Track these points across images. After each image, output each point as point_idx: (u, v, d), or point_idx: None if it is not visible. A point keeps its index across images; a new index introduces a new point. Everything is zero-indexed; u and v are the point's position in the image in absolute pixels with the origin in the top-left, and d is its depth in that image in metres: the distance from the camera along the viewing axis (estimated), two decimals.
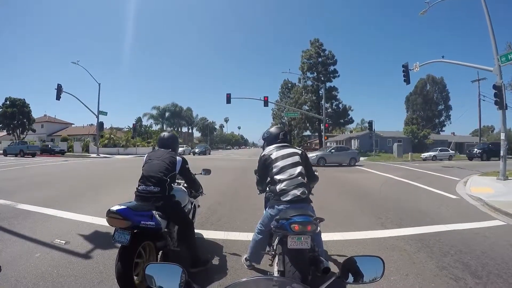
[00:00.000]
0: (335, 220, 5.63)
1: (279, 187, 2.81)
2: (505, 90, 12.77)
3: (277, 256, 2.66)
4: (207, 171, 4.48)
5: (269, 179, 3.00)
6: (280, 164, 2.90)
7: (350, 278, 1.38)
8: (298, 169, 2.88)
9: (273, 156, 2.97)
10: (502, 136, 12.80)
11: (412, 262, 3.71)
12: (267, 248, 3.08)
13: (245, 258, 3.28)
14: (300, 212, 2.52)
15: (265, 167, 3.03)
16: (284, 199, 2.75)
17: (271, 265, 2.93)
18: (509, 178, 11.92)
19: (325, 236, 3.69)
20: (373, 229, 5.19)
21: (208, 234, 4.70)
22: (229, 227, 5.18)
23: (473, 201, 7.92)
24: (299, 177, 2.83)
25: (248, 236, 3.30)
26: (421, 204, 7.47)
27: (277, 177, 2.86)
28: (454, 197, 8.55)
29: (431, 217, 6.09)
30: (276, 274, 2.58)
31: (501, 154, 12.54)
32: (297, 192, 2.75)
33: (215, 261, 3.65)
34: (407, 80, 19.07)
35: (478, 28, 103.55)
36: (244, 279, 1.27)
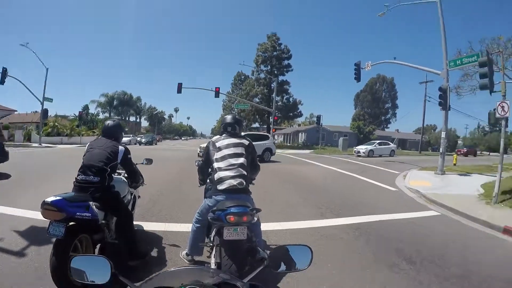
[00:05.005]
0: (277, 211, 5.71)
1: (217, 175, 2.79)
2: (449, 93, 13.86)
3: (214, 247, 2.63)
4: (149, 161, 4.37)
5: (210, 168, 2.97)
6: (222, 153, 2.89)
7: (283, 267, 1.39)
8: (240, 160, 2.86)
9: (217, 144, 2.96)
10: (443, 134, 14.12)
11: (349, 249, 3.90)
12: (206, 240, 3.04)
13: (186, 253, 3.19)
14: (237, 203, 2.50)
15: (208, 154, 3.01)
16: (220, 187, 2.73)
17: (209, 256, 2.90)
18: (446, 173, 13.10)
19: (265, 226, 3.74)
20: (313, 219, 5.33)
21: (148, 226, 4.53)
22: (169, 218, 5.04)
23: (411, 193, 8.49)
24: (239, 168, 2.81)
25: (189, 227, 3.23)
26: (361, 195, 7.85)
27: (216, 165, 2.85)
28: (393, 189, 9.14)
29: (369, 207, 6.35)
30: (213, 266, 2.54)
31: (441, 150, 13.76)
32: (233, 181, 2.73)
33: (154, 253, 3.54)
34: (357, 78, 19.52)
35: (429, 35, 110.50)
36: (172, 269, 1.26)
